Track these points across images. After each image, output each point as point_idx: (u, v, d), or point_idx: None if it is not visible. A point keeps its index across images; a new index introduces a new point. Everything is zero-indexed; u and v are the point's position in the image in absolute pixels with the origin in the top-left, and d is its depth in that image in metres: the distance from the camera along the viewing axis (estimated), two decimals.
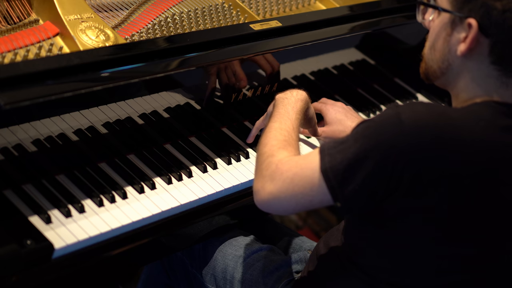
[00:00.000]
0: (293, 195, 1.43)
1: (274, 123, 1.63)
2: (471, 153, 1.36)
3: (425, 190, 1.35)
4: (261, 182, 1.47)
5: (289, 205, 1.45)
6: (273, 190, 1.45)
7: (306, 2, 2.32)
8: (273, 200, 1.45)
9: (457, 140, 1.35)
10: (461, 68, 1.45)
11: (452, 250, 1.41)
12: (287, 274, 1.74)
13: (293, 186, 1.43)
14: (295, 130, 1.62)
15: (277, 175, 1.45)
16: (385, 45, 2.45)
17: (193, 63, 1.82)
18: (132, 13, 1.96)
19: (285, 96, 1.73)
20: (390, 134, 1.35)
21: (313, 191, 1.41)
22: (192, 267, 1.88)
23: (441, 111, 1.39)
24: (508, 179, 1.39)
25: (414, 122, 1.34)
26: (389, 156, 1.34)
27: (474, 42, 1.40)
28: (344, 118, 1.96)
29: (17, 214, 1.52)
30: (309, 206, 1.44)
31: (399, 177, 1.34)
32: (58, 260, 1.49)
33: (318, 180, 1.41)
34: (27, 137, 1.64)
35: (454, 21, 1.44)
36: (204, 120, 1.94)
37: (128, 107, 1.79)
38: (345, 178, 1.38)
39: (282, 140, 1.56)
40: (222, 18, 2.05)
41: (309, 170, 1.42)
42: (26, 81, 1.51)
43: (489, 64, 1.42)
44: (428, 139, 1.34)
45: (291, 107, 1.69)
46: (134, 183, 1.69)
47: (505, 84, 1.43)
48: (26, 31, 1.74)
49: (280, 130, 1.59)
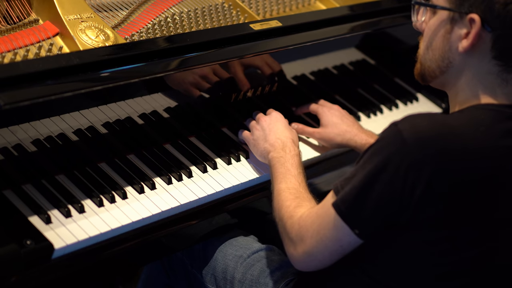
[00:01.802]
0: (324, 246, 1.44)
1: (280, 184, 1.64)
2: (474, 160, 1.36)
3: (435, 201, 1.35)
4: (292, 246, 1.50)
5: (324, 256, 1.46)
6: (305, 248, 1.47)
7: (306, 2, 2.32)
8: (309, 258, 1.47)
9: (459, 147, 1.35)
10: (462, 66, 1.45)
11: (454, 256, 1.41)
12: (287, 274, 1.73)
13: (321, 237, 1.44)
14: (302, 184, 1.64)
15: (303, 233, 1.47)
16: (385, 45, 2.45)
17: (193, 63, 1.82)
18: (132, 13, 1.95)
19: (279, 155, 1.73)
20: (395, 153, 1.35)
21: (338, 233, 1.42)
22: (192, 267, 1.88)
23: (441, 121, 1.38)
24: (506, 181, 1.40)
25: (416, 137, 1.34)
26: (397, 175, 1.34)
27: (476, 38, 1.40)
28: (339, 122, 1.96)
29: (17, 214, 1.52)
30: (341, 251, 1.44)
31: (410, 193, 1.34)
32: (58, 260, 1.49)
33: (335, 219, 1.41)
34: (27, 137, 1.63)
35: (453, 18, 1.44)
36: (204, 120, 1.94)
37: (128, 107, 1.79)
38: (357, 205, 1.38)
39: (294, 198, 1.58)
40: (222, 18, 2.05)
41: (328, 214, 1.43)
42: (26, 81, 1.51)
43: (490, 59, 1.42)
44: (432, 152, 1.33)
45: (290, 164, 1.69)
46: (134, 183, 1.69)
47: (505, 81, 1.42)
48: (26, 31, 1.74)
49: (288, 190, 1.61)
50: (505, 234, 1.44)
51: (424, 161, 1.33)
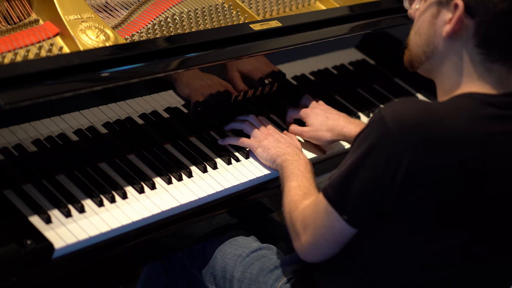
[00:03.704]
0: (320, 234, 1.46)
1: (291, 182, 1.66)
2: (457, 147, 1.36)
3: (417, 188, 1.36)
4: (297, 238, 1.52)
5: (322, 245, 1.48)
6: (307, 238, 1.49)
7: (306, 2, 2.32)
8: (310, 247, 1.49)
9: (442, 135, 1.35)
10: (446, 51, 1.45)
11: (438, 245, 1.42)
12: (286, 273, 1.74)
13: (317, 224, 1.46)
14: (313, 184, 1.66)
15: (305, 222, 1.49)
16: (385, 45, 2.45)
17: (193, 63, 1.82)
18: (132, 13, 1.96)
19: (293, 158, 1.76)
20: (378, 140, 1.36)
21: (329, 219, 1.43)
22: (191, 267, 1.88)
23: (425, 109, 1.38)
24: (493, 169, 1.40)
25: (399, 124, 1.34)
26: (379, 162, 1.35)
27: (459, 23, 1.40)
28: (324, 120, 1.97)
29: (17, 214, 1.52)
30: (334, 240, 1.45)
31: (391, 180, 1.35)
32: (58, 260, 1.49)
33: (326, 205, 1.43)
34: (27, 137, 1.64)
35: (441, 2, 1.44)
36: (204, 120, 1.94)
37: (128, 107, 1.79)
38: (343, 191, 1.40)
39: (302, 193, 1.60)
40: (222, 18, 2.05)
41: (321, 201, 1.46)
42: (26, 81, 1.51)
43: (473, 47, 1.42)
44: (414, 140, 1.34)
45: (303, 167, 1.72)
46: (134, 183, 1.69)
47: (488, 70, 1.42)
48: (26, 31, 1.74)
49: (298, 187, 1.63)
50: (491, 224, 1.44)
51: (405, 149, 1.33)
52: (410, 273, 1.46)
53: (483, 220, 1.42)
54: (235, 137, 1.91)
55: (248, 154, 1.90)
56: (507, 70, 1.43)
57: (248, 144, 1.88)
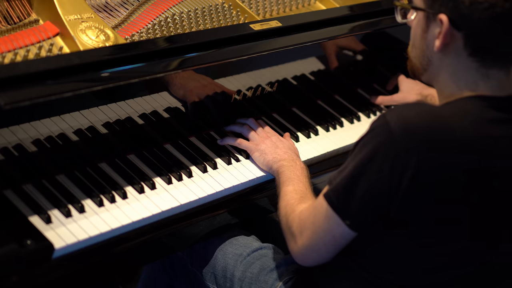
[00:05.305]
0: (318, 237, 1.46)
1: (287, 186, 1.67)
2: (462, 149, 1.36)
3: (423, 192, 1.35)
4: (293, 240, 1.52)
5: (320, 248, 1.47)
6: (304, 241, 1.48)
7: (306, 2, 2.32)
8: (306, 250, 1.49)
9: (447, 139, 1.35)
10: (440, 63, 1.46)
11: (442, 248, 1.42)
12: (286, 272, 1.74)
13: (315, 228, 1.46)
14: (309, 189, 1.66)
15: (302, 225, 1.49)
16: (385, 45, 2.45)
17: (193, 63, 1.82)
18: (132, 13, 1.96)
19: (289, 164, 1.76)
20: (382, 144, 1.36)
21: (330, 224, 1.43)
22: (192, 266, 1.88)
23: (429, 112, 1.39)
24: (499, 172, 1.40)
25: (403, 128, 1.35)
26: (384, 166, 1.35)
27: (447, 37, 1.41)
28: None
29: (17, 214, 1.52)
30: (334, 243, 1.45)
31: (397, 184, 1.35)
32: (58, 260, 1.49)
33: (327, 210, 1.43)
34: (27, 137, 1.64)
35: (428, 17, 1.45)
36: (204, 120, 1.94)
37: (128, 107, 1.79)
38: (346, 196, 1.39)
39: (299, 197, 1.60)
40: (222, 18, 2.05)
41: (321, 205, 1.45)
42: (26, 81, 1.51)
43: (466, 57, 1.42)
44: (419, 143, 1.34)
45: (299, 172, 1.73)
46: (134, 183, 1.69)
47: (486, 75, 1.42)
48: (26, 31, 1.74)
49: (295, 191, 1.64)
50: (496, 227, 1.44)
51: (411, 152, 1.33)
52: (413, 275, 1.46)
53: (487, 222, 1.42)
54: (234, 137, 1.91)
55: (248, 154, 1.90)
56: (505, 74, 1.43)
57: (245, 146, 1.88)
